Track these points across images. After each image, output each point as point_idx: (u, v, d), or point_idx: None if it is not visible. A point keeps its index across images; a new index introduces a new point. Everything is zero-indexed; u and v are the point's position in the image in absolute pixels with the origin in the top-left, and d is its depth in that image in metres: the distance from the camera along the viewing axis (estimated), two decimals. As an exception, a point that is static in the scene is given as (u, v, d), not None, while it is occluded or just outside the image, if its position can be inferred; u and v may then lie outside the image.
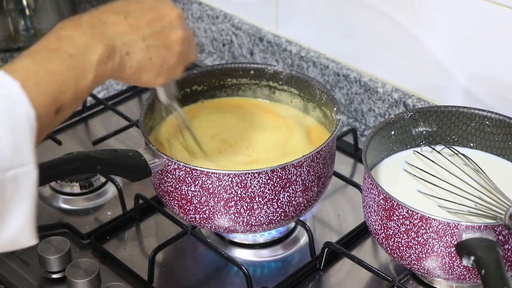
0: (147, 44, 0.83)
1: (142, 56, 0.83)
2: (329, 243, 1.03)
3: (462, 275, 0.90)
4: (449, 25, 1.15)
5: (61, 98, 0.73)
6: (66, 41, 0.76)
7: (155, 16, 0.84)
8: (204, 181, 0.94)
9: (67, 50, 0.75)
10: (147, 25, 0.83)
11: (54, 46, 0.75)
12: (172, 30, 0.86)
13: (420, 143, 1.07)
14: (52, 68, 0.73)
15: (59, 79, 0.73)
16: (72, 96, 0.74)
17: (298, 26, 1.38)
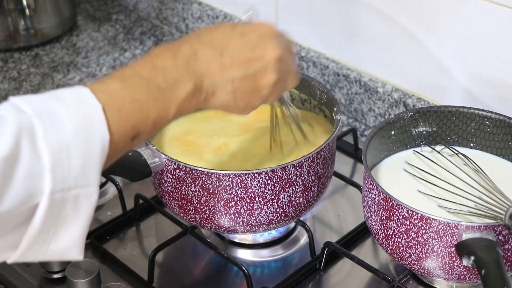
0: (234, 87, 0.81)
1: (228, 98, 0.81)
2: (329, 243, 1.03)
3: (462, 275, 0.90)
4: (449, 25, 1.15)
5: (140, 127, 0.73)
6: (159, 72, 0.76)
7: (252, 57, 0.81)
8: (204, 181, 0.94)
9: (158, 82, 0.75)
10: (240, 66, 0.81)
11: (147, 74, 0.75)
12: (265, 74, 0.82)
13: (420, 143, 1.07)
14: (139, 97, 0.73)
15: (143, 108, 0.73)
16: (151, 126, 0.74)
17: (298, 26, 1.38)
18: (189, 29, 1.56)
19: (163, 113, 0.75)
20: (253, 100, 0.84)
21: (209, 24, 1.51)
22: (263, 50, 0.82)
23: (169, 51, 0.78)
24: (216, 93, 0.80)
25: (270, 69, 0.82)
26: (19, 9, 1.49)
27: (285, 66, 0.84)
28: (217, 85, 0.80)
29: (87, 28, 1.61)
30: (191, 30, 1.56)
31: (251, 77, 0.82)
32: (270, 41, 0.82)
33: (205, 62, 0.79)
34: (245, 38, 0.82)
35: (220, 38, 0.81)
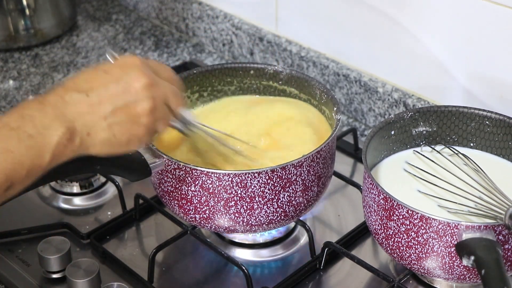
0: (108, 123, 0.81)
1: (105, 135, 0.81)
2: (329, 243, 1.03)
3: (462, 275, 0.90)
4: (449, 25, 1.15)
5: (13, 176, 0.73)
6: (28, 120, 0.76)
7: (119, 90, 0.81)
8: (204, 181, 0.94)
9: (27, 130, 0.75)
10: (109, 101, 0.81)
11: (15, 124, 0.75)
12: (137, 103, 0.82)
13: (420, 143, 1.07)
14: (10, 147, 0.73)
15: (15, 158, 0.73)
16: (25, 174, 0.75)
17: (298, 26, 1.38)
18: (189, 29, 1.56)
19: (37, 161, 0.75)
20: (135, 131, 0.83)
21: (209, 24, 1.51)
22: (128, 81, 0.82)
23: (36, 101, 0.79)
24: (91, 133, 0.80)
25: (140, 97, 0.82)
26: (19, 9, 1.49)
27: (158, 91, 0.84)
28: (90, 125, 0.80)
29: (87, 28, 1.61)
30: (191, 30, 1.56)
31: (123, 109, 0.81)
32: (134, 71, 0.83)
33: (73, 105, 0.79)
34: (109, 75, 0.82)
35: (84, 80, 0.82)
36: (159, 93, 0.84)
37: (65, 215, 1.13)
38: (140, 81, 0.82)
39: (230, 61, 1.50)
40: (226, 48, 1.50)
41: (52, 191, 1.16)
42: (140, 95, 0.82)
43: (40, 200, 1.16)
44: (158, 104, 0.84)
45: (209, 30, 1.52)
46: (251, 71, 1.14)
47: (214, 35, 1.51)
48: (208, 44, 1.54)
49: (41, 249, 1.01)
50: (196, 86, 1.13)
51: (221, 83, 1.15)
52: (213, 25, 1.50)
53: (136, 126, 0.83)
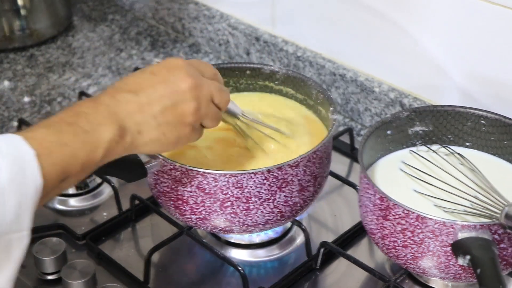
0: (158, 122, 0.85)
1: (155, 133, 0.85)
2: (325, 243, 1.03)
3: (458, 274, 0.90)
4: (445, 24, 1.15)
5: (69, 169, 0.76)
6: (82, 117, 0.79)
7: (167, 91, 0.85)
8: (200, 181, 0.94)
9: (82, 126, 0.78)
10: (158, 102, 0.85)
11: (71, 120, 0.78)
12: (184, 103, 0.86)
13: (416, 142, 1.07)
14: (66, 140, 0.76)
15: (70, 151, 0.76)
16: (79, 168, 0.77)
17: (295, 26, 1.38)
18: (185, 29, 1.56)
19: (91, 155, 0.78)
20: (182, 130, 0.87)
21: (205, 24, 1.51)
22: (175, 81, 0.86)
23: (89, 100, 0.83)
24: (142, 132, 0.84)
25: (187, 98, 0.86)
26: (14, 10, 1.49)
27: (203, 90, 0.88)
28: (141, 124, 0.83)
29: (83, 28, 1.61)
30: (187, 30, 1.56)
31: (171, 109, 0.85)
32: (180, 72, 0.87)
33: (125, 104, 0.83)
34: (156, 76, 0.86)
35: (133, 82, 0.86)
36: (204, 92, 0.88)
37: (60, 216, 1.13)
38: (186, 82, 0.86)
39: (226, 61, 1.50)
40: (223, 48, 1.50)
41: (47, 192, 1.16)
42: (187, 96, 0.86)
43: (36, 201, 1.15)
44: (203, 103, 0.88)
45: (206, 30, 1.52)
46: (247, 71, 1.14)
47: (211, 35, 1.51)
48: (204, 44, 1.54)
49: (37, 251, 1.00)
50: None
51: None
52: (209, 25, 1.50)
53: (183, 125, 0.87)
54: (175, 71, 0.87)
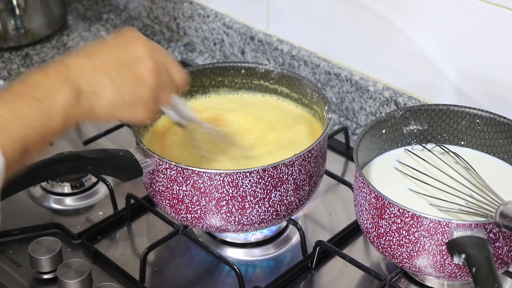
0: (114, 81, 0.81)
1: (112, 94, 0.81)
2: (320, 242, 1.03)
3: (453, 273, 0.90)
4: (440, 23, 1.16)
5: (28, 141, 0.74)
6: (32, 86, 0.76)
7: (121, 52, 0.83)
8: (195, 180, 0.94)
9: (34, 94, 0.75)
10: (112, 61, 0.82)
11: (22, 91, 0.76)
12: (140, 63, 0.83)
13: (411, 141, 1.07)
14: (20, 112, 0.74)
15: (26, 123, 0.74)
16: (39, 139, 0.75)
17: (289, 25, 1.38)
18: (180, 28, 1.56)
19: (48, 123, 0.76)
20: (141, 91, 0.83)
21: (200, 23, 1.51)
22: (130, 44, 0.84)
23: (38, 69, 0.79)
24: (98, 93, 0.80)
25: (143, 57, 0.83)
26: (9, 9, 1.48)
27: (160, 56, 0.85)
28: (95, 84, 0.80)
29: (78, 28, 1.61)
30: (182, 29, 1.56)
31: (127, 67, 0.82)
32: (133, 35, 0.85)
33: (77, 68, 0.80)
34: (110, 42, 0.85)
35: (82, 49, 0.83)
36: (161, 58, 0.86)
37: (56, 215, 1.13)
38: (142, 45, 0.84)
39: (221, 60, 1.50)
40: (217, 47, 1.50)
41: (43, 191, 1.16)
42: (144, 56, 0.83)
43: (31, 200, 1.15)
44: (161, 67, 0.85)
45: (200, 29, 1.51)
46: (242, 70, 1.14)
47: (205, 34, 1.51)
48: (199, 44, 1.54)
49: (32, 250, 1.00)
50: (187, 85, 1.13)
51: (212, 83, 1.15)
52: (204, 24, 1.50)
53: (141, 86, 0.83)
54: (130, 38, 0.85)
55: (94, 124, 1.31)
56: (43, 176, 0.91)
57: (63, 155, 0.93)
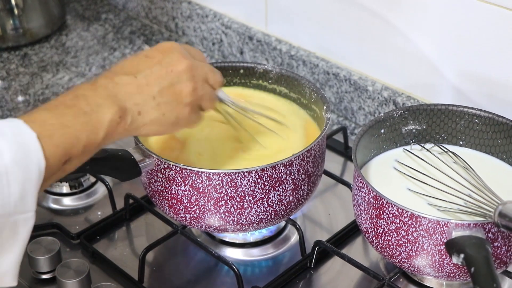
0: (158, 102, 0.86)
1: (155, 114, 0.86)
2: (319, 241, 1.03)
3: (452, 272, 0.91)
4: (438, 23, 1.16)
5: (71, 151, 0.77)
6: (82, 99, 0.80)
7: (163, 72, 0.87)
8: (194, 180, 0.94)
9: (82, 108, 0.79)
10: (156, 82, 0.86)
11: (71, 102, 0.79)
12: (181, 84, 0.88)
13: (410, 141, 1.07)
14: (67, 122, 0.77)
15: (71, 133, 0.77)
16: (81, 150, 0.78)
17: (288, 25, 1.38)
18: (178, 28, 1.56)
19: (92, 137, 0.79)
20: (181, 110, 0.89)
21: (198, 23, 1.51)
22: (170, 63, 0.88)
23: (88, 83, 0.84)
24: (142, 112, 0.85)
25: (184, 78, 0.88)
26: (8, 9, 1.48)
27: (198, 70, 0.90)
28: (140, 104, 0.85)
29: (76, 28, 1.60)
30: (181, 29, 1.56)
31: (169, 89, 0.87)
32: (174, 54, 0.89)
33: (122, 86, 0.84)
34: (152, 59, 0.88)
35: (129, 65, 0.87)
36: (199, 72, 0.90)
37: (55, 215, 1.13)
38: (182, 63, 0.88)
39: (220, 60, 1.50)
40: (216, 47, 1.50)
41: (41, 191, 1.16)
42: (183, 76, 0.88)
43: (30, 200, 1.15)
44: (199, 83, 0.90)
45: (199, 29, 1.51)
46: (241, 70, 1.14)
47: (204, 34, 1.51)
48: (198, 43, 1.54)
49: (31, 250, 1.00)
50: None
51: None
52: (202, 24, 1.50)
53: (182, 105, 0.88)
54: (169, 53, 0.88)
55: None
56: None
57: (61, 155, 0.93)
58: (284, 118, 1.09)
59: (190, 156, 1.03)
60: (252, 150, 1.04)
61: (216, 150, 1.04)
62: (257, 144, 1.04)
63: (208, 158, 1.02)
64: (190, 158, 1.02)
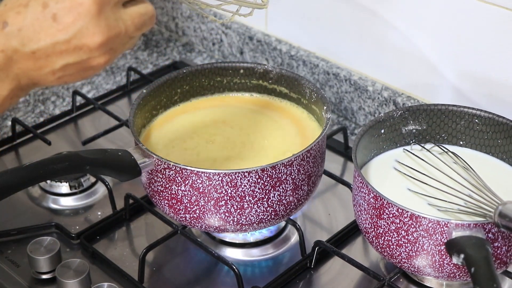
0: (58, 76, 0.76)
1: (55, 83, 0.77)
2: (319, 242, 1.03)
3: (452, 273, 0.91)
4: (438, 23, 1.16)
5: None
6: None
7: (70, 47, 0.73)
8: (194, 180, 0.94)
9: None
10: (58, 58, 0.74)
11: None
12: (91, 60, 0.75)
13: (410, 141, 1.07)
14: None
15: None
16: None
17: (288, 25, 1.38)
18: (178, 28, 1.56)
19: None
20: (89, 74, 0.77)
21: (198, 23, 1.51)
22: (80, 39, 0.73)
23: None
24: (39, 83, 0.76)
25: (96, 54, 0.74)
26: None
27: (116, 41, 0.75)
28: (37, 79, 0.75)
29: (76, 28, 1.60)
30: (181, 29, 1.56)
31: (74, 65, 0.75)
32: (88, 25, 0.73)
33: (17, 62, 0.74)
34: (58, 25, 0.72)
35: (29, 26, 0.72)
36: (119, 41, 0.76)
37: (54, 215, 1.13)
38: (94, 40, 0.73)
39: (220, 60, 1.50)
40: (216, 47, 1.50)
41: (41, 191, 1.16)
42: (95, 53, 0.74)
43: (30, 200, 1.15)
44: (118, 50, 0.77)
45: (199, 29, 1.51)
46: (241, 70, 1.14)
47: (204, 34, 1.51)
48: (197, 44, 1.54)
49: (31, 250, 1.00)
50: (186, 85, 1.13)
51: (211, 82, 1.15)
52: (202, 24, 1.50)
53: (90, 72, 0.77)
54: (82, 21, 0.72)
55: (93, 124, 1.31)
56: (41, 176, 0.91)
57: (61, 155, 0.93)
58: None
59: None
60: (252, 150, 1.04)
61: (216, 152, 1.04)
62: (256, 144, 1.04)
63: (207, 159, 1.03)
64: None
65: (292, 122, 1.10)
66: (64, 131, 1.30)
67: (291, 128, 1.09)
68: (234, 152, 1.04)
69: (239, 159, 1.03)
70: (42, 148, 1.22)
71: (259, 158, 1.03)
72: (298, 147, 1.03)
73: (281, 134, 1.08)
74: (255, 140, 1.06)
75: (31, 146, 1.25)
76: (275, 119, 1.11)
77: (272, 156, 1.02)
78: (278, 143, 1.06)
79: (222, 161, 1.02)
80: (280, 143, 1.06)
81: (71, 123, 1.31)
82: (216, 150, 1.05)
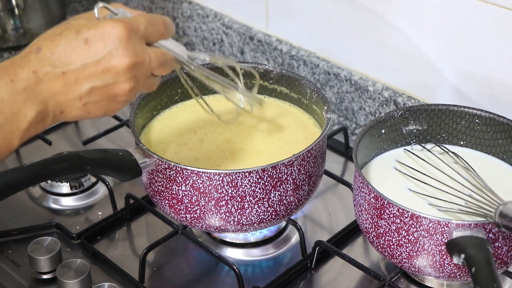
0: (84, 102, 0.77)
1: (79, 113, 0.78)
2: (320, 242, 1.03)
3: (453, 273, 0.91)
4: (438, 23, 1.16)
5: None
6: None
7: (98, 69, 0.76)
8: (194, 180, 0.94)
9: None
10: (86, 81, 0.76)
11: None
12: (117, 85, 0.77)
13: (410, 141, 1.07)
14: None
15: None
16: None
17: (289, 25, 1.38)
18: (179, 28, 1.56)
19: (5, 146, 0.74)
20: (112, 107, 0.80)
21: (199, 23, 1.51)
22: (109, 61, 0.76)
23: (6, 77, 0.75)
24: (64, 111, 0.77)
25: (122, 79, 0.77)
26: (8, 9, 1.48)
27: (141, 69, 0.79)
28: (63, 105, 0.77)
29: (77, 28, 1.60)
30: (181, 29, 1.56)
31: (101, 89, 0.77)
32: (118, 48, 0.76)
33: (47, 83, 0.75)
34: (90, 48, 0.76)
35: (61, 50, 0.76)
36: (142, 71, 0.79)
37: (55, 215, 1.13)
38: (122, 62, 0.76)
39: (220, 60, 1.50)
40: (217, 47, 1.50)
41: (42, 191, 1.16)
42: (121, 77, 0.77)
43: (30, 200, 1.15)
44: (141, 82, 0.80)
45: (200, 29, 1.51)
46: (241, 70, 1.14)
47: (205, 34, 1.51)
48: (198, 43, 1.54)
49: (31, 250, 1.00)
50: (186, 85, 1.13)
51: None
52: (203, 24, 1.50)
53: (113, 103, 0.79)
54: (112, 44, 0.76)
55: (94, 124, 1.31)
56: (42, 176, 0.91)
57: (62, 155, 0.93)
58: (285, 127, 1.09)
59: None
60: (253, 150, 1.04)
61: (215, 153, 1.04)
62: (256, 144, 1.04)
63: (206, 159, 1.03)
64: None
65: (293, 122, 1.10)
66: (64, 131, 1.30)
67: (292, 128, 1.09)
68: (235, 152, 1.04)
69: (240, 159, 1.03)
70: (43, 148, 1.22)
71: (259, 158, 1.03)
72: (299, 147, 1.03)
73: (282, 134, 1.08)
74: (256, 140, 1.06)
75: (31, 146, 1.25)
76: (275, 119, 1.11)
77: (273, 156, 1.02)
78: (279, 143, 1.06)
79: (222, 161, 1.02)
80: (281, 143, 1.06)
81: (72, 123, 1.32)
82: (217, 150, 1.05)
